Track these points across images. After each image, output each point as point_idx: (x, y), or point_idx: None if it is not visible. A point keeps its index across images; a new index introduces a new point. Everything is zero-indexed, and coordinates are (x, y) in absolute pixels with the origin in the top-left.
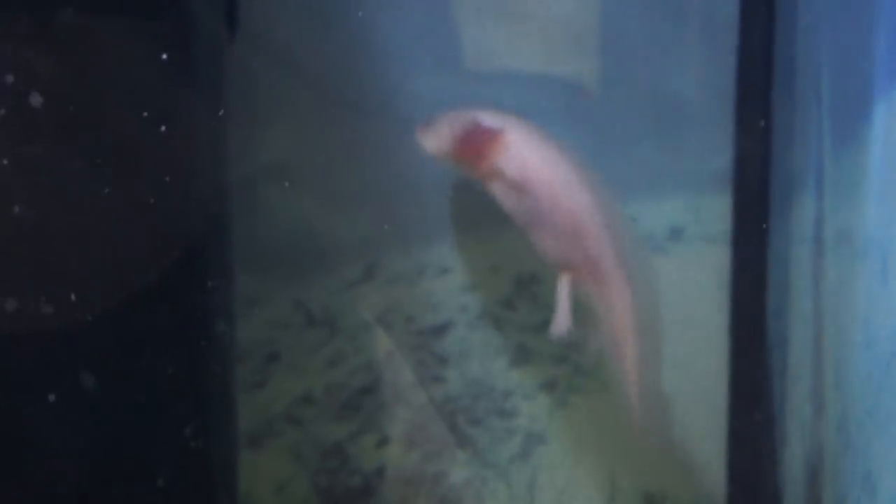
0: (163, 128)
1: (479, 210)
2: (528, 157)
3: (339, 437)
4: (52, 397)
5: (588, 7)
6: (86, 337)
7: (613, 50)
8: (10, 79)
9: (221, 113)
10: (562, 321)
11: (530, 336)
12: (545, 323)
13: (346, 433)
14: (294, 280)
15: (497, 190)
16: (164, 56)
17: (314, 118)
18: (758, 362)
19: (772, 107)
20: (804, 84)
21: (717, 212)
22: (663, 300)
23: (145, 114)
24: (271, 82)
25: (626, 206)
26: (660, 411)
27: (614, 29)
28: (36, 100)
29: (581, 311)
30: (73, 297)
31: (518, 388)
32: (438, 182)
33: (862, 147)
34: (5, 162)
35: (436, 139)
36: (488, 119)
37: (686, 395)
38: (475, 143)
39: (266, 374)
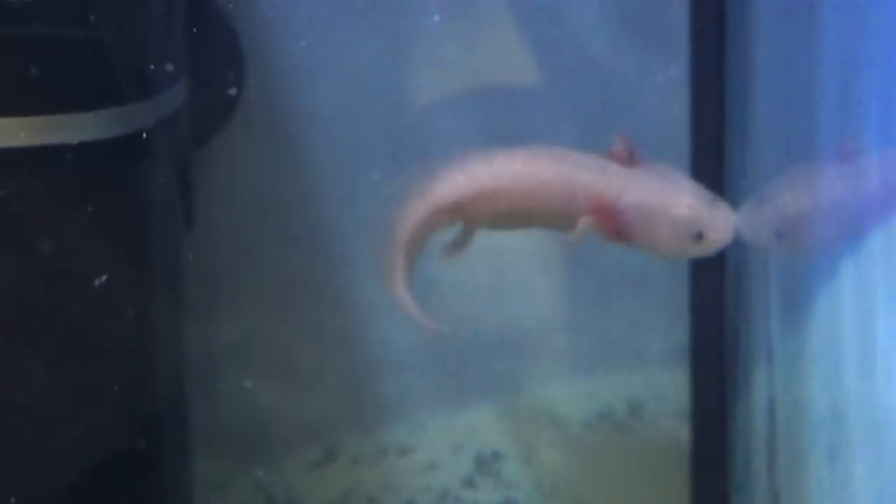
0: (118, 314)
1: (438, 388)
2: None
3: None
4: None
5: None
6: None
7: None
8: None
9: (178, 297)
10: None
11: None
12: (507, 502)
13: None
14: (255, 462)
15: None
16: (121, 245)
17: (272, 304)
18: None
19: (725, 283)
20: (754, 264)
21: (676, 386)
22: (625, 475)
23: (100, 300)
24: (234, 264)
25: (586, 382)
26: None
27: None
28: None
29: None
30: (28, 479)
31: None
32: (397, 361)
33: (807, 325)
34: None
35: None
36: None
37: None
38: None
39: None
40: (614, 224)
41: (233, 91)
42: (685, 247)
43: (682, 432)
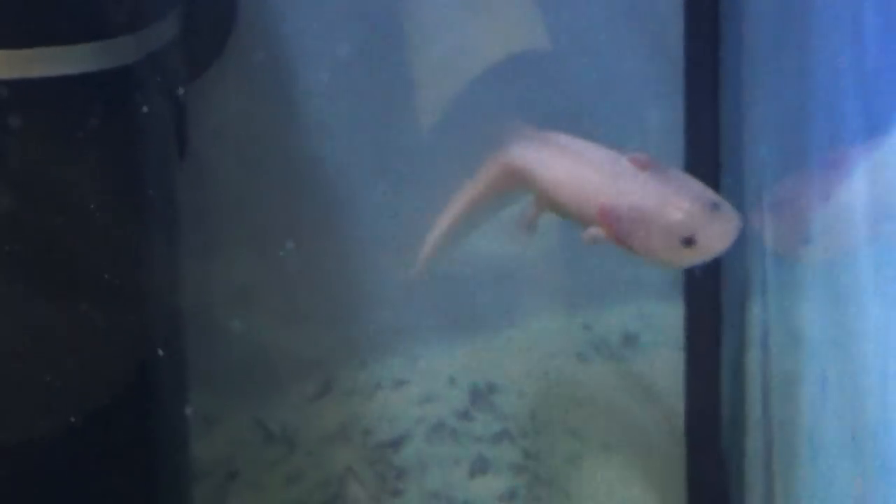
0: (112, 249)
1: (433, 321)
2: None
3: None
4: None
5: (540, 117)
6: (35, 459)
7: None
8: None
9: (172, 232)
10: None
11: (488, 446)
12: (502, 433)
13: None
14: (251, 397)
15: None
16: (114, 180)
17: (269, 238)
18: (714, 472)
19: None
20: (750, 192)
21: (670, 318)
22: (620, 406)
23: (94, 236)
24: (229, 198)
25: (580, 314)
26: None
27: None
28: None
29: None
30: (24, 417)
31: (477, 499)
32: (392, 294)
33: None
34: None
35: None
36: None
37: None
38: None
39: (225, 492)
40: (611, 224)
41: (226, 23)
42: (676, 252)
43: (677, 364)
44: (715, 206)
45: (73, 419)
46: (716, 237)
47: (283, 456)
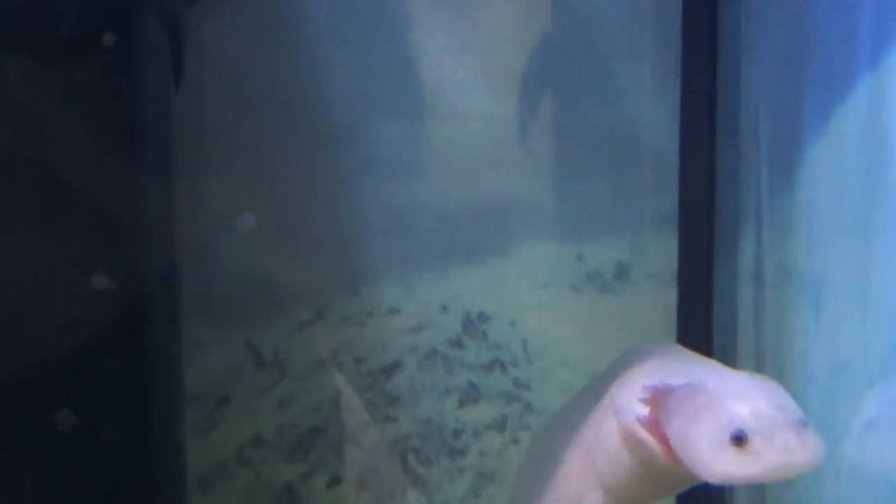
0: (108, 177)
1: (426, 251)
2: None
3: (291, 478)
4: None
5: (538, 51)
6: (31, 384)
7: (562, 91)
8: None
9: (168, 161)
10: None
11: (479, 374)
12: (494, 362)
13: (297, 474)
14: (244, 323)
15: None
16: (109, 107)
17: (264, 167)
18: None
19: (716, 148)
20: (745, 127)
21: (663, 251)
22: (612, 337)
23: (89, 163)
24: (224, 128)
25: (574, 246)
26: None
27: (563, 71)
28: None
29: None
30: (19, 345)
31: (468, 427)
32: (386, 224)
33: (795, 188)
34: None
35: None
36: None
37: None
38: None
39: (217, 416)
40: (656, 403)
41: None
42: (719, 449)
43: (670, 295)
44: (800, 423)
45: (67, 345)
46: (778, 450)
47: (275, 381)
